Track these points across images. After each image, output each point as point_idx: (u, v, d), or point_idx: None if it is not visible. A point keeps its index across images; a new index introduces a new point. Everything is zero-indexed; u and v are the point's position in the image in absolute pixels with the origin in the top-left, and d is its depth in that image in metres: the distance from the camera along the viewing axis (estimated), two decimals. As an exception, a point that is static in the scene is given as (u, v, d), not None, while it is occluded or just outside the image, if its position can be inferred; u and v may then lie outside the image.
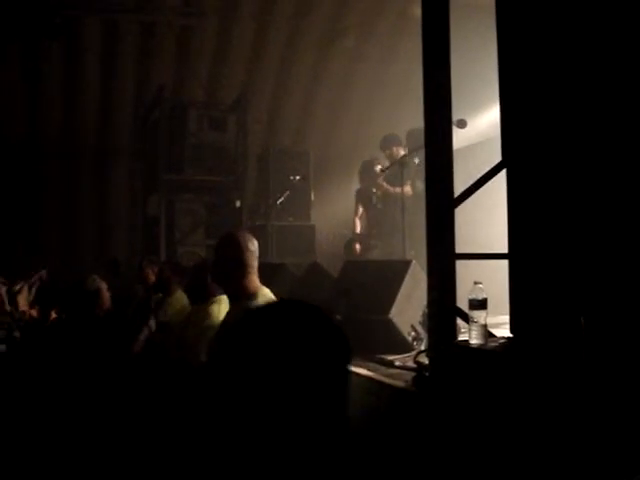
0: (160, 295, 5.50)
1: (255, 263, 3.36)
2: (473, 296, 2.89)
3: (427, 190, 3.05)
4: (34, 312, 7.86)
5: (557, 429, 2.37)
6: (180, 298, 5.12)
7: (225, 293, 3.59)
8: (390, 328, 4.05)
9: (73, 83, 8.86)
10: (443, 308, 2.95)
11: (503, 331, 3.10)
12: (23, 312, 7.45)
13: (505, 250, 2.98)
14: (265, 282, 3.90)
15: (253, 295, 3.24)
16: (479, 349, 2.78)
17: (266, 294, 3.31)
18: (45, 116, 8.87)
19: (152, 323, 4.83)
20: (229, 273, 3.32)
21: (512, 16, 2.98)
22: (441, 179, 2.97)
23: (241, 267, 3.28)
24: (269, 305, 1.49)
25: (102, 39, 8.70)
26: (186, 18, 8.70)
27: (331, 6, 8.79)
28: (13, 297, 7.54)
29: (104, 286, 4.60)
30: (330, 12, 8.84)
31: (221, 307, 4.03)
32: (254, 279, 3.33)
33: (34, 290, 8.03)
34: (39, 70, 8.63)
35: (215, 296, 4.18)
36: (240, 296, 3.28)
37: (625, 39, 2.44)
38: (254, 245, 3.38)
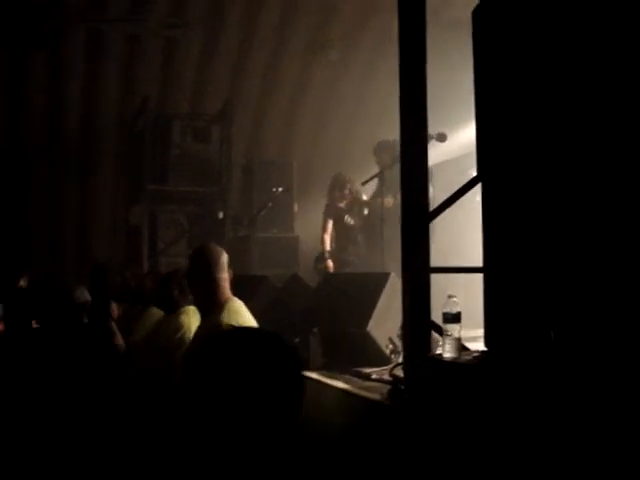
0: (139, 307, 5.47)
1: (224, 275, 3.37)
2: (447, 310, 2.90)
3: (402, 203, 3.07)
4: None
5: (528, 442, 2.38)
6: (157, 310, 5.10)
7: (195, 304, 3.61)
8: (368, 341, 4.06)
9: (58, 93, 8.83)
10: (418, 321, 2.96)
11: (480, 344, 3.11)
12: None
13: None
14: (246, 294, 3.91)
15: (222, 307, 3.25)
16: (452, 362, 2.78)
17: (234, 307, 3.31)
18: (29, 125, 8.84)
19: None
20: (198, 285, 3.35)
21: (488, 32, 3.00)
22: (416, 192, 2.99)
23: (209, 279, 3.31)
24: (230, 332, 1.86)
25: (87, 49, 8.69)
26: (171, 29, 8.70)
27: (316, 18, 8.82)
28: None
29: (89, 299, 4.60)
30: (315, 24, 8.88)
31: (190, 318, 4.01)
32: (224, 291, 3.35)
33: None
34: (24, 79, 8.61)
35: (183, 307, 4.16)
36: (209, 308, 3.30)
37: (600, 53, 2.47)
38: (223, 257, 3.40)
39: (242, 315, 3.27)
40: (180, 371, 3.43)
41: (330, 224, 7.06)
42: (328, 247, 7.02)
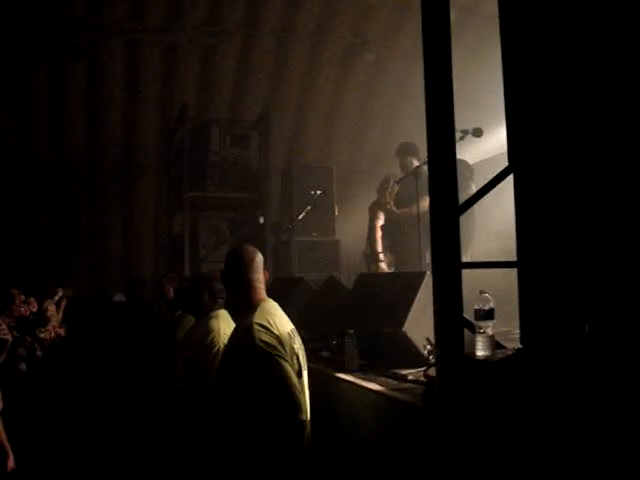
0: (179, 312, 5.47)
1: (258, 276, 3.32)
2: (479, 306, 2.80)
3: (431, 199, 2.98)
4: (62, 331, 7.93)
5: (564, 439, 2.28)
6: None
7: (229, 306, 3.56)
8: (404, 341, 3.96)
9: (98, 103, 8.97)
10: (449, 319, 2.87)
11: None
12: (49, 331, 7.51)
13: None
14: (283, 296, 3.86)
15: (255, 307, 3.21)
16: (485, 361, 2.69)
17: (267, 307, 3.26)
18: (71, 136, 8.98)
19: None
20: (232, 286, 3.31)
21: (516, 22, 2.91)
22: (445, 188, 2.90)
23: (243, 280, 3.26)
24: None
25: (125, 59, 8.79)
26: (208, 37, 8.75)
27: (352, 21, 8.78)
28: (41, 316, 7.61)
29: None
30: (351, 27, 8.83)
31: (220, 322, 3.98)
32: (258, 292, 3.30)
33: (62, 309, 8.11)
34: (64, 89, 8.75)
35: (213, 311, 4.13)
36: (243, 309, 3.25)
37: (629, 43, 2.36)
38: (257, 258, 3.35)
39: (275, 316, 3.22)
40: (211, 375, 3.41)
41: (381, 220, 6.83)
42: (380, 248, 6.81)
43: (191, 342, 4.06)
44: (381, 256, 6.65)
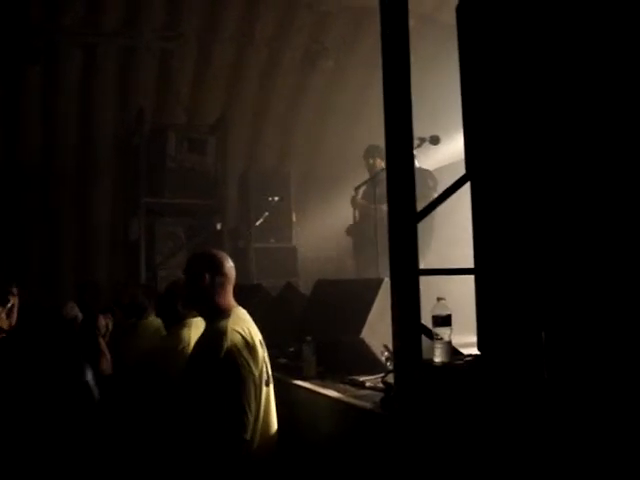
0: (134, 319, 5.41)
1: (229, 281, 3.29)
2: (437, 312, 2.82)
3: (389, 205, 3.00)
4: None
5: (521, 445, 2.31)
6: (152, 322, 5.05)
7: (199, 313, 3.51)
8: (362, 348, 3.98)
9: (53, 106, 8.81)
10: (407, 325, 2.89)
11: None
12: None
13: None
14: (241, 302, 3.83)
15: (226, 314, 3.17)
16: (443, 367, 2.71)
17: (239, 313, 3.24)
18: (24, 139, 8.81)
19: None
20: (202, 293, 3.25)
21: (472, 29, 2.95)
22: (403, 195, 2.92)
23: (213, 285, 3.22)
24: None
25: (82, 63, 8.67)
26: (166, 42, 8.68)
27: (310, 27, 8.79)
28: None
29: (80, 315, 4.55)
30: (309, 33, 8.84)
31: (192, 330, 3.96)
32: (228, 299, 3.26)
33: (14, 313, 7.92)
34: (18, 94, 8.59)
35: (186, 319, 4.11)
36: (213, 316, 3.21)
37: (585, 47, 2.40)
38: (228, 263, 3.31)
39: (248, 323, 3.21)
40: (177, 384, 3.37)
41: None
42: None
43: (160, 348, 4.05)
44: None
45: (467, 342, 3.27)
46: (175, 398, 3.27)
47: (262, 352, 3.10)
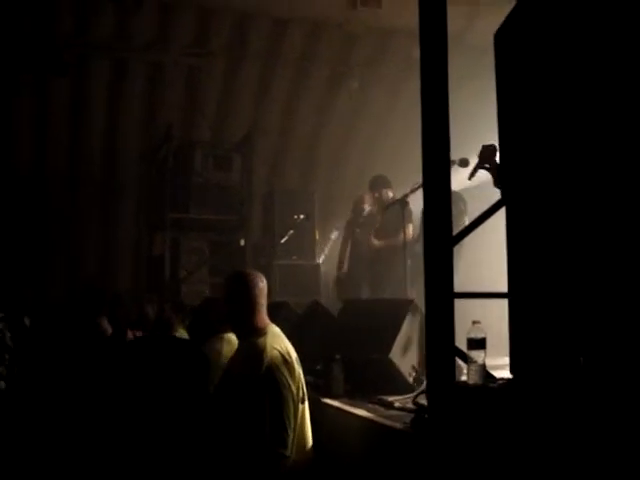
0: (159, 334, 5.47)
1: (264, 301, 3.38)
2: (471, 335, 2.85)
3: (425, 229, 3.03)
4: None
5: (557, 469, 2.32)
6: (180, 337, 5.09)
7: (234, 331, 3.59)
8: (390, 368, 4.01)
9: (81, 120, 8.93)
10: (441, 348, 2.91)
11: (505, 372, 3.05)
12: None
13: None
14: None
15: (262, 331, 3.24)
16: (477, 389, 2.73)
17: (275, 331, 3.31)
18: (52, 152, 8.93)
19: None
20: (239, 311, 3.33)
21: (510, 54, 2.99)
22: (439, 217, 2.96)
23: (251, 305, 3.30)
24: None
25: (110, 77, 8.79)
26: (194, 58, 8.79)
27: (337, 47, 8.87)
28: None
29: (109, 329, 4.62)
30: (336, 53, 8.92)
31: (223, 344, 4.00)
32: (263, 317, 3.34)
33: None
34: (47, 106, 8.72)
35: (220, 333, 4.15)
36: (249, 333, 3.28)
37: (625, 77, 2.44)
38: (263, 282, 3.40)
39: (284, 341, 3.27)
40: (212, 396, 3.41)
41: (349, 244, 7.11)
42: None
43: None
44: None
45: (496, 364, 3.30)
46: (210, 411, 3.32)
47: (298, 369, 3.14)
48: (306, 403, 3.15)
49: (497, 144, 3.26)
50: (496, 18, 3.06)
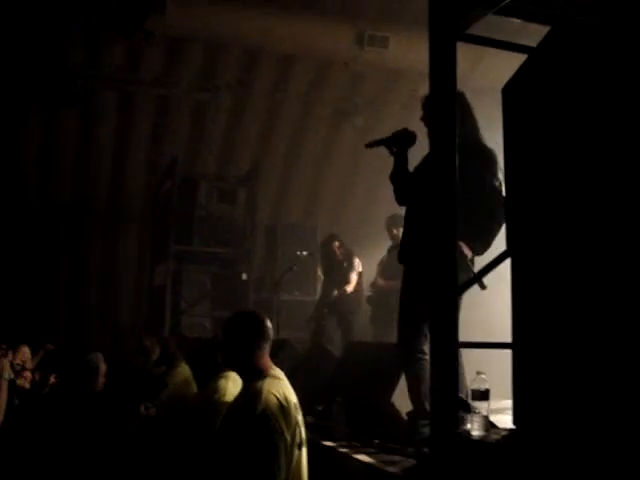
0: (163, 368, 5.48)
1: (266, 343, 3.33)
2: (475, 386, 2.87)
3: (431, 279, 3.06)
4: (37, 376, 7.79)
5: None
6: (183, 371, 5.10)
7: (237, 372, 3.56)
8: (392, 413, 4.01)
9: (87, 151, 9.02)
10: (445, 397, 2.92)
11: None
12: (25, 378, 7.38)
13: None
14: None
15: (262, 375, 3.21)
16: (480, 441, 2.74)
17: (275, 374, 3.28)
18: (58, 182, 9.00)
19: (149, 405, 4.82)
20: (239, 353, 3.28)
21: (517, 108, 3.04)
22: (444, 266, 2.98)
23: (253, 346, 3.25)
24: None
25: (118, 109, 8.89)
26: (201, 92, 8.89)
27: (343, 85, 8.97)
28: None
29: (103, 366, 4.63)
30: (341, 90, 9.02)
31: (228, 383, 3.99)
32: (264, 360, 3.29)
33: (40, 353, 7.99)
34: (55, 137, 8.80)
35: (224, 371, 4.15)
36: (251, 376, 3.24)
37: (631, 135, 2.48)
38: (266, 324, 3.35)
39: (284, 386, 3.23)
40: (213, 434, 3.41)
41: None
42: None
43: (197, 398, 4.11)
44: None
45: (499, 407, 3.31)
46: (208, 450, 3.31)
47: (296, 415, 3.12)
48: (304, 449, 3.13)
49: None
50: (495, 61, 3.09)
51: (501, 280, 3.26)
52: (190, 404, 4.27)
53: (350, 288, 7.29)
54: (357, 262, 7.44)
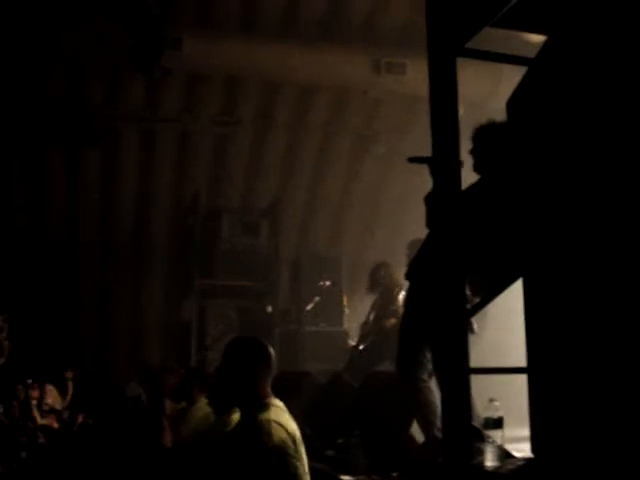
0: (183, 404, 5.40)
1: (268, 372, 3.20)
2: (488, 415, 2.74)
3: (438, 303, 2.95)
4: (80, 417, 7.75)
5: None
6: (202, 407, 5.01)
7: (237, 402, 3.44)
8: (410, 445, 3.89)
9: (111, 189, 9.07)
10: (457, 426, 2.79)
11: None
12: (51, 417, 7.35)
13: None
14: (289, 390, 3.78)
15: (266, 405, 3.09)
16: (494, 473, 2.60)
17: (278, 404, 3.16)
18: (83, 222, 9.04)
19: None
20: (242, 380, 3.15)
21: (522, 122, 2.95)
22: (452, 291, 2.87)
23: (256, 376, 3.12)
24: None
25: (140, 146, 8.95)
26: (221, 127, 8.91)
27: (363, 113, 8.94)
28: (41, 401, 7.46)
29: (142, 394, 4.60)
30: (362, 119, 8.98)
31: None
32: (268, 388, 3.17)
33: (69, 393, 7.96)
34: (78, 177, 8.87)
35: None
36: (253, 406, 3.12)
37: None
38: (268, 351, 3.23)
39: (286, 416, 3.12)
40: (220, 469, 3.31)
41: None
42: None
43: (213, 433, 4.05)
44: None
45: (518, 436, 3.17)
46: None
47: (300, 447, 3.01)
48: None
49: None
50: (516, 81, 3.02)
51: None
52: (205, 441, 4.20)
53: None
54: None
